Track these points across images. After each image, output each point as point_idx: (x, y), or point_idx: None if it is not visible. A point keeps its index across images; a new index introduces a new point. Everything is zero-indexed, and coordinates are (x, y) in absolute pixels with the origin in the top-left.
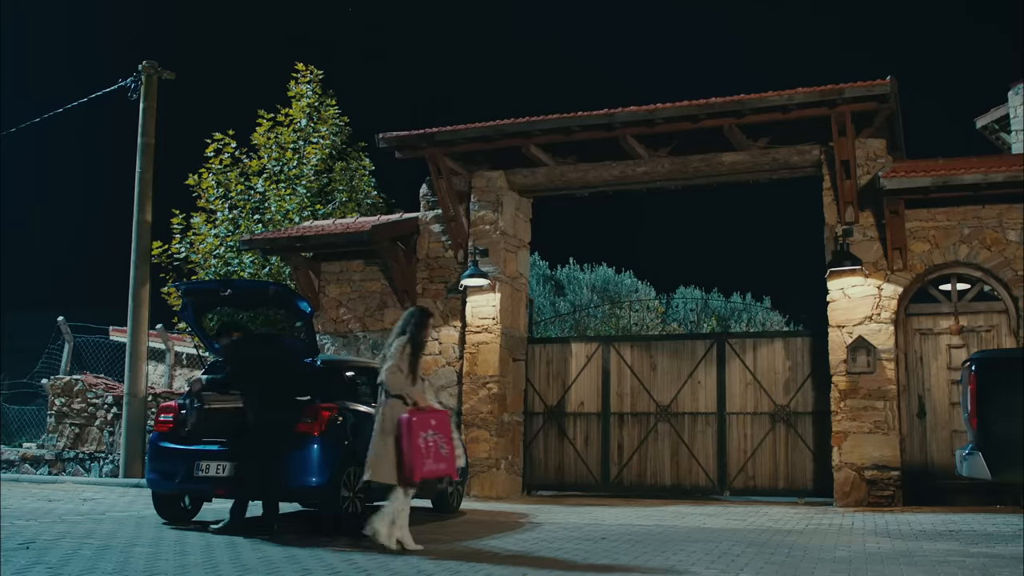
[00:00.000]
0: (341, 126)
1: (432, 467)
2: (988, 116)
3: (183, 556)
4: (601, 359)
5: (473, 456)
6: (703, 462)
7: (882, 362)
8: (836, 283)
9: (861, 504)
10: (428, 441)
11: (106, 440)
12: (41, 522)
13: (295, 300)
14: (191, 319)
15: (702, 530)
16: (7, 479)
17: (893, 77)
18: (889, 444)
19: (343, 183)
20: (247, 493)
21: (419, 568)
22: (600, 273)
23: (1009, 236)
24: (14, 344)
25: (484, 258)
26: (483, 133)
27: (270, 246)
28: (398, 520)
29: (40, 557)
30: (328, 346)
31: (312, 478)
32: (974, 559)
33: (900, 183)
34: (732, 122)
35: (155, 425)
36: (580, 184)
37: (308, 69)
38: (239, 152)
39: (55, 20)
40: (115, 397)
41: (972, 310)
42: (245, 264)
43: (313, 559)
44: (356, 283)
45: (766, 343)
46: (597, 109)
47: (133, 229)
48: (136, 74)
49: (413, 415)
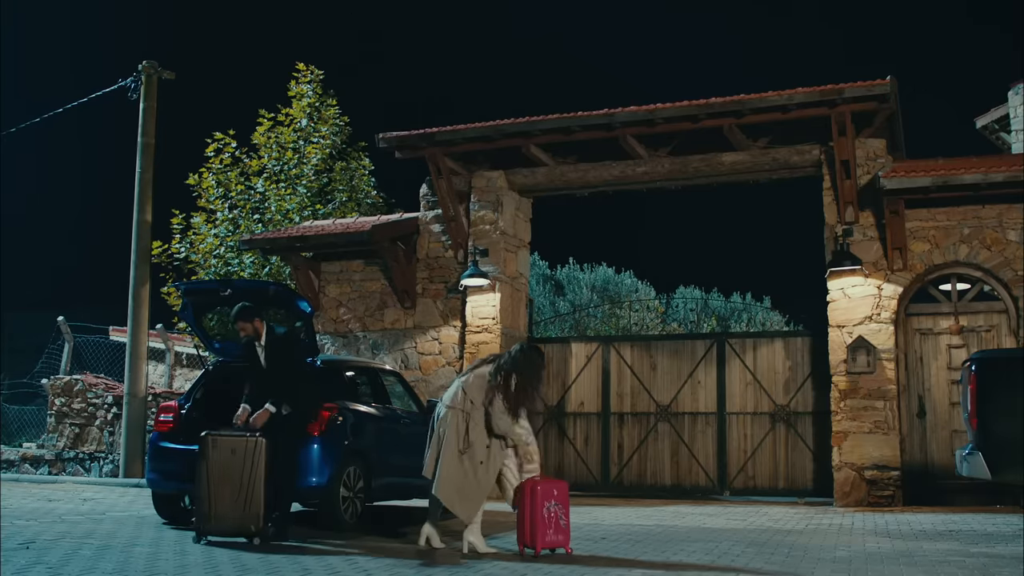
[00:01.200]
0: (341, 126)
1: (552, 538)
2: (988, 116)
3: (183, 556)
4: (601, 359)
5: None
6: (703, 462)
7: (882, 362)
8: (836, 283)
9: (861, 504)
10: (551, 512)
11: (106, 440)
12: (41, 522)
13: (295, 300)
14: (191, 319)
15: (702, 530)
16: (7, 479)
17: (893, 77)
18: (889, 444)
19: (343, 183)
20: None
21: (418, 568)
22: (600, 273)
23: (1009, 236)
24: (14, 344)
25: (484, 258)
26: (483, 133)
27: (270, 246)
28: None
29: (40, 557)
30: (328, 346)
31: (312, 478)
32: (974, 559)
33: (900, 183)
34: (732, 122)
35: (155, 425)
36: (580, 184)
37: (308, 69)
38: (239, 152)
39: (55, 20)
40: (115, 397)
41: (972, 310)
42: (245, 264)
43: (313, 559)
44: (356, 283)
45: (766, 343)
46: (597, 109)
47: (133, 229)
48: (136, 74)
49: (538, 484)
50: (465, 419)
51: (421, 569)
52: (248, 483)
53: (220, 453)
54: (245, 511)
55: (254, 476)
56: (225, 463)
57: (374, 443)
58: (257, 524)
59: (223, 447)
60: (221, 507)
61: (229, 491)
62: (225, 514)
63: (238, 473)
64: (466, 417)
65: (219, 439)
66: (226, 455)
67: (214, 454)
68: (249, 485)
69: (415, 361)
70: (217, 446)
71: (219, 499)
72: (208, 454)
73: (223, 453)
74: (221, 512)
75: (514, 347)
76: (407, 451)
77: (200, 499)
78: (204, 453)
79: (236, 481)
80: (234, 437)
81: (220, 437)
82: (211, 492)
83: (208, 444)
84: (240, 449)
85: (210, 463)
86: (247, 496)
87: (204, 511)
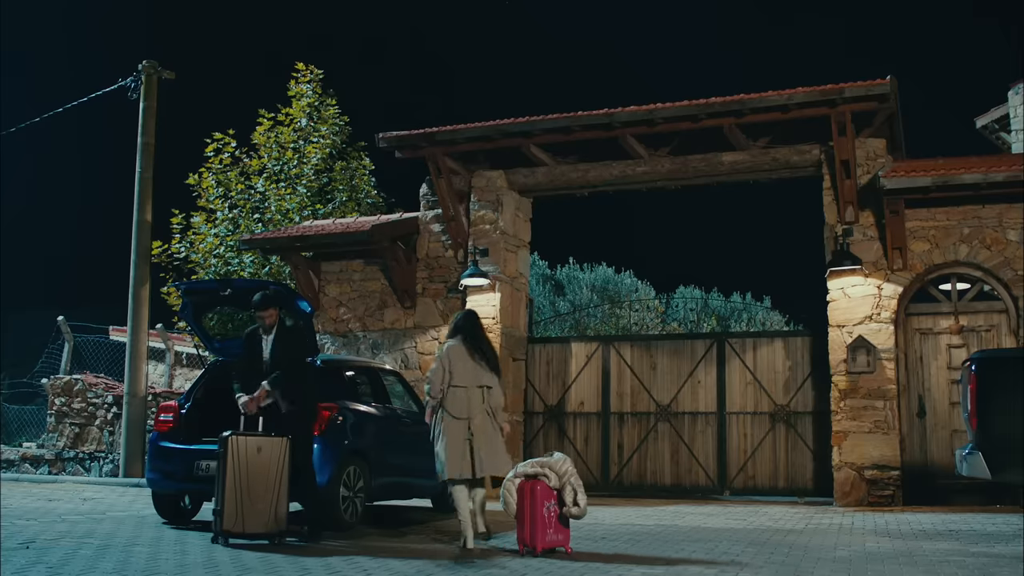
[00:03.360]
0: (341, 125)
1: (552, 538)
2: (988, 116)
3: (183, 556)
4: (601, 359)
5: None
6: (703, 462)
7: (882, 362)
8: (836, 283)
9: (861, 504)
10: (551, 511)
11: (106, 440)
12: (41, 522)
13: (295, 300)
14: (191, 319)
15: (702, 529)
16: (7, 479)
17: (893, 77)
18: (889, 444)
19: (343, 183)
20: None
21: (419, 568)
22: (600, 273)
23: (1009, 236)
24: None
25: (484, 258)
26: (483, 133)
27: (270, 246)
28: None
29: (40, 557)
30: (328, 346)
31: None
32: (974, 559)
33: (900, 183)
34: (732, 122)
35: (155, 425)
36: (580, 184)
37: (308, 69)
38: (239, 152)
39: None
40: (115, 397)
41: (972, 310)
42: (245, 264)
43: (313, 559)
44: (356, 283)
45: (766, 343)
46: (597, 109)
47: (133, 229)
48: (136, 74)
49: (538, 484)
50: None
51: (421, 569)
52: (274, 483)
53: (244, 453)
54: (272, 511)
55: (280, 476)
56: (250, 463)
57: (374, 443)
58: (283, 524)
59: (247, 447)
60: (246, 508)
61: (254, 491)
62: (250, 514)
63: (264, 473)
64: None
65: (243, 438)
66: (251, 454)
67: (238, 454)
68: (275, 485)
69: (415, 361)
70: (240, 445)
71: (244, 499)
72: (231, 454)
73: (247, 453)
74: (246, 513)
75: (458, 318)
76: (407, 451)
77: (223, 500)
78: (226, 453)
79: (262, 481)
80: (259, 436)
81: (244, 436)
82: (235, 493)
83: (231, 444)
84: (266, 448)
85: (233, 463)
86: (274, 496)
87: (229, 511)
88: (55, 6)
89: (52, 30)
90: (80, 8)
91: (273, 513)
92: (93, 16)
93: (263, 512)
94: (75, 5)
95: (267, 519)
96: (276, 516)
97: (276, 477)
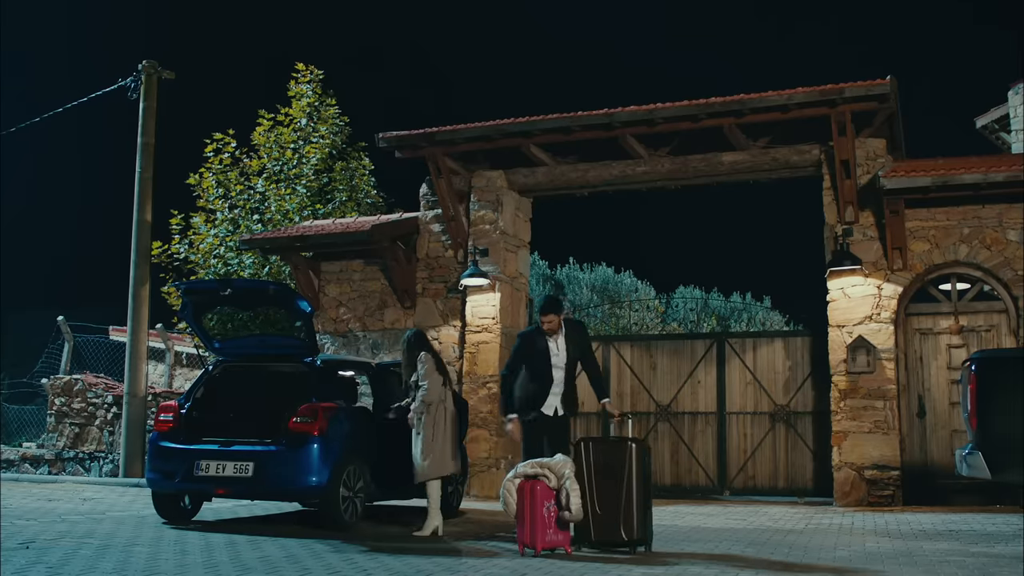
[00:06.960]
0: (341, 126)
1: (552, 538)
2: (988, 116)
3: (183, 556)
4: (601, 359)
5: (473, 456)
6: (703, 462)
7: (882, 362)
8: (836, 283)
9: (861, 504)
10: (550, 511)
11: (106, 440)
12: (41, 522)
13: (295, 300)
14: (191, 319)
15: (702, 530)
16: (7, 479)
17: (893, 77)
18: (889, 444)
19: (343, 183)
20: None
21: (419, 568)
22: (600, 273)
23: (1009, 236)
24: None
25: (484, 258)
26: (483, 133)
27: (270, 246)
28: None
29: (40, 557)
30: (328, 346)
31: (312, 478)
32: (974, 559)
33: (900, 183)
34: (732, 122)
35: (155, 425)
36: (580, 184)
37: (308, 69)
38: (239, 152)
39: (55, 20)
40: (115, 397)
41: (972, 310)
42: (245, 264)
43: (313, 559)
44: (356, 283)
45: (766, 343)
46: (597, 109)
47: (133, 229)
48: (136, 74)
49: (537, 484)
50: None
51: (420, 569)
52: (626, 490)
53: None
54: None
55: (630, 482)
56: (603, 468)
57: (374, 443)
58: (632, 533)
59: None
60: (598, 516)
61: (607, 499)
62: (603, 523)
63: (615, 480)
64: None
65: (594, 443)
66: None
67: (593, 460)
68: (626, 492)
69: None
70: (592, 451)
71: (597, 507)
72: (587, 460)
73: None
74: (600, 521)
75: (408, 335)
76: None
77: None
78: (581, 459)
79: (615, 488)
80: (609, 442)
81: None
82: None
83: (584, 449)
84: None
85: (589, 470)
86: (625, 504)
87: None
88: (55, 6)
89: (52, 30)
90: (80, 8)
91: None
92: (93, 16)
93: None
94: (75, 5)
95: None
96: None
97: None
